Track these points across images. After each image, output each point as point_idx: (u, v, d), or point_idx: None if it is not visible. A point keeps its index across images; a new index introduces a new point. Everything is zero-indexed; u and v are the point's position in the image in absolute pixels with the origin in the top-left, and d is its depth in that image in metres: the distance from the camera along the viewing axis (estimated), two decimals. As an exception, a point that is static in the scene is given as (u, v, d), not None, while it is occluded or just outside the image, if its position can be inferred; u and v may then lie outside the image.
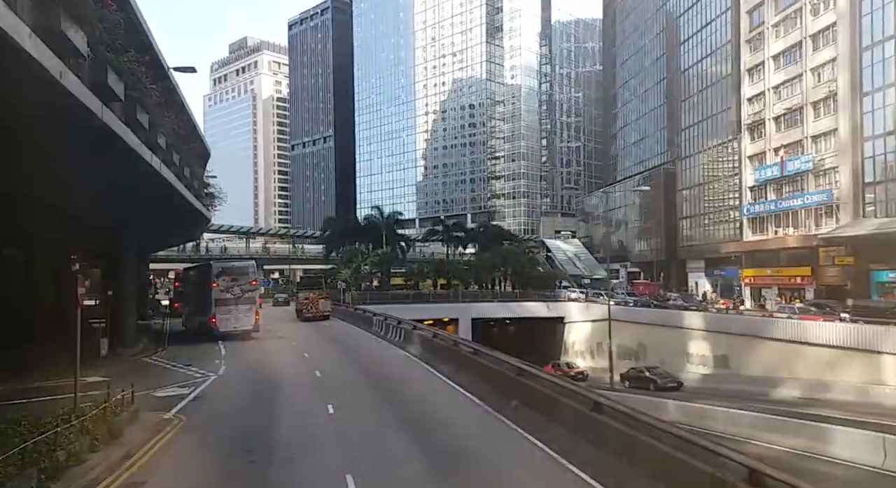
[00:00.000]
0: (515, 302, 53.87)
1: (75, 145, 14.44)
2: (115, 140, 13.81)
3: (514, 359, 16.39)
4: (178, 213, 27.89)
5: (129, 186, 19.70)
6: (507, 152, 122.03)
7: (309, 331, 37.66)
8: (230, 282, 32.39)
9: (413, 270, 55.04)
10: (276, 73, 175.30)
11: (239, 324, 32.26)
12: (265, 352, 28.36)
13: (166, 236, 40.19)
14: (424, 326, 26.37)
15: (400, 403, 16.50)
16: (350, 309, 46.23)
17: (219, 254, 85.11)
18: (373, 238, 60.09)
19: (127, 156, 15.54)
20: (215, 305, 32.24)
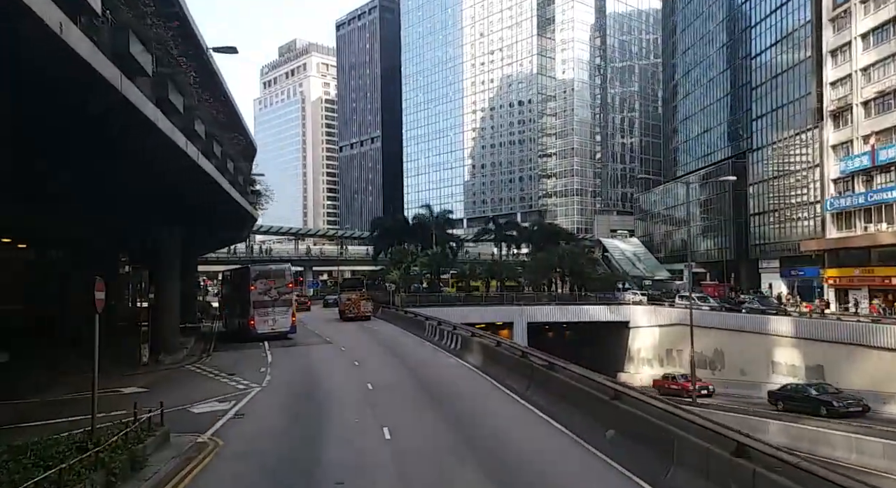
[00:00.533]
0: (575, 305, 50.82)
1: (99, 129, 12.69)
2: (139, 120, 11.94)
3: (601, 376, 13.78)
4: (222, 211, 26.37)
5: (166, 179, 18.05)
6: (558, 149, 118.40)
7: (359, 336, 35.76)
8: (267, 284, 32.84)
9: (464, 271, 52.68)
10: (325, 75, 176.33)
11: (276, 325, 32.63)
12: (313, 360, 26.51)
13: (213, 236, 39.05)
14: (484, 333, 23.94)
15: (468, 427, 14.12)
16: (400, 311, 44.26)
17: (264, 255, 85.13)
18: (422, 238, 58.06)
19: (158, 142, 13.70)
20: (253, 307, 32.67)
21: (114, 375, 22.05)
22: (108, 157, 14.30)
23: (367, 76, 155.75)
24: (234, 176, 24.25)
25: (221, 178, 21.21)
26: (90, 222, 26.52)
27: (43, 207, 22.57)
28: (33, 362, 23.29)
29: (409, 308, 46.48)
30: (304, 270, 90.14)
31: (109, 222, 26.58)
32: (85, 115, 11.54)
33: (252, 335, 32.43)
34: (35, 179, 16.03)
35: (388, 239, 60.45)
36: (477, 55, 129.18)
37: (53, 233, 27.60)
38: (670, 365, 45.89)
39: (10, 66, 8.86)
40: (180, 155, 15.34)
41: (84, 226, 27.42)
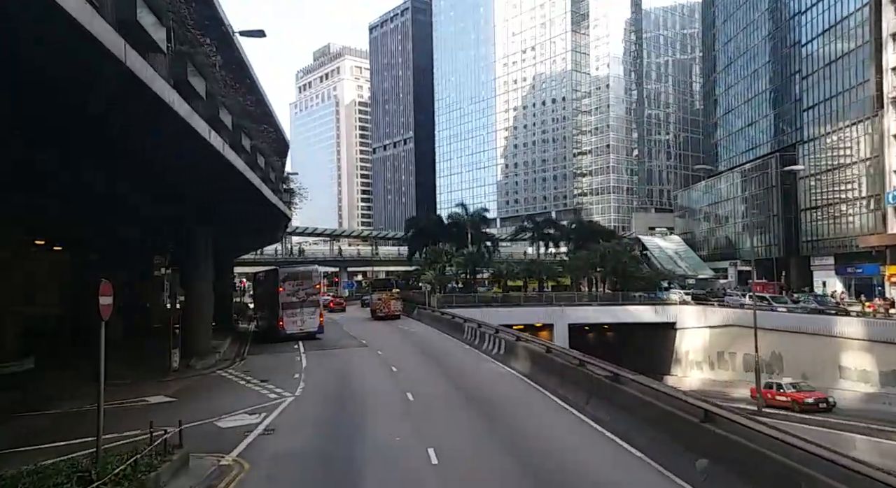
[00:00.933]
0: (618, 305, 48.25)
1: (105, 113, 11.23)
2: (149, 99, 10.39)
3: (680, 392, 11.72)
4: (254, 210, 25.01)
5: (191, 172, 16.66)
6: (594, 146, 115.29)
7: (395, 339, 34.14)
8: (296, 285, 33.17)
9: (501, 271, 50.65)
10: (358, 78, 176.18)
11: (305, 325, 33.01)
12: (349, 364, 24.92)
13: (246, 236, 37.99)
14: (532, 338, 21.95)
15: (526, 450, 12.20)
16: (436, 313, 42.53)
17: (298, 256, 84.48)
18: (456, 237, 56.25)
19: (175, 128, 12.18)
20: (282, 308, 33.00)
21: (142, 383, 20.84)
22: (120, 147, 12.84)
23: (400, 77, 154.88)
24: (265, 172, 22.83)
25: (251, 173, 19.75)
26: (119, 222, 25.51)
27: (72, 207, 21.54)
28: (62, 369, 22.24)
29: (444, 309, 44.83)
30: (338, 271, 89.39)
31: (140, 222, 25.53)
32: (89, 99, 10.03)
33: (281, 335, 32.63)
34: (48, 175, 14.75)
35: (423, 239, 58.80)
36: (509, 53, 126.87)
37: (88, 234, 26.70)
38: (722, 368, 43.06)
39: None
40: (202, 145, 13.83)
41: (116, 226, 26.44)
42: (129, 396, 18.41)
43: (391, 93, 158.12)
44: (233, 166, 16.64)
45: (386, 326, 42.50)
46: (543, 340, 21.10)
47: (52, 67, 9.22)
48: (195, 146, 13.80)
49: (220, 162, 15.82)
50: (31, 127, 12.02)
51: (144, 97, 10.26)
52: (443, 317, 39.26)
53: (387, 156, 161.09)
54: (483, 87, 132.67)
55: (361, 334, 36.48)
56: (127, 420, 15.14)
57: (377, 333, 37.35)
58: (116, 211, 23.27)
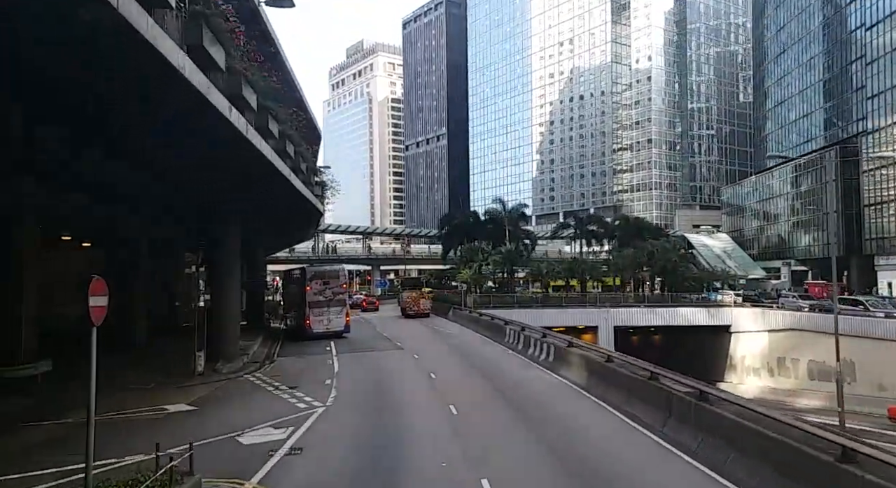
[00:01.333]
0: (667, 307, 45.61)
1: (106, 75, 9.63)
2: (154, 62, 8.72)
3: (805, 423, 9.52)
4: (284, 204, 23.50)
5: (213, 158, 15.11)
6: (635, 140, 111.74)
7: (431, 341, 32.35)
8: (322, 285, 33.08)
9: (541, 270, 48.43)
10: (391, 74, 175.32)
11: (331, 325, 33.04)
12: (384, 371, 23.19)
13: (276, 233, 36.73)
14: (587, 344, 19.80)
15: (602, 486, 10.23)
16: (473, 314, 40.60)
17: (331, 254, 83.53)
18: (493, 235, 54.19)
19: (188, 102, 10.53)
20: (309, 308, 33.03)
21: (164, 388, 19.48)
22: (120, 123, 11.26)
23: (433, 73, 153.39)
24: (295, 162, 21.26)
25: (280, 162, 18.15)
26: (147, 217, 24.33)
27: (96, 199, 20.36)
28: (102, 364, 21.10)
29: (481, 309, 42.97)
30: (371, 269, 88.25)
31: (168, 217, 24.29)
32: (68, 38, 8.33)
33: (308, 334, 32.66)
34: (60, 161, 13.32)
35: (457, 236, 56.97)
36: (546, 46, 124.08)
37: (116, 230, 25.64)
38: (783, 375, 40.11)
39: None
40: (222, 125, 12.18)
41: (143, 222, 25.28)
42: (148, 404, 17.00)
43: (424, 89, 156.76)
44: (258, 152, 15.00)
45: (420, 326, 40.84)
46: (600, 347, 18.98)
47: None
48: (213, 126, 12.16)
49: (244, 147, 14.20)
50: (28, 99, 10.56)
51: (146, 59, 8.58)
52: (480, 318, 37.33)
53: (419, 154, 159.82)
54: (518, 82, 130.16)
55: (395, 335, 34.88)
56: (139, 434, 13.68)
57: (412, 334, 35.66)
58: (139, 204, 22.05)
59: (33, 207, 17.75)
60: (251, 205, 22.37)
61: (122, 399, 17.52)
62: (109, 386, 19.41)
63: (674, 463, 11.02)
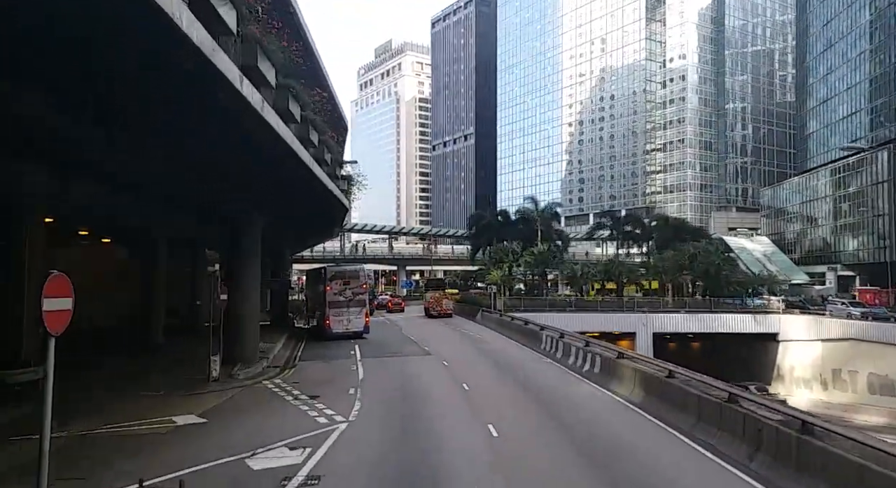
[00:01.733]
0: (710, 312, 42.94)
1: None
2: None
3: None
4: (306, 195, 21.79)
5: (226, 140, 13.39)
6: (668, 140, 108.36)
7: (462, 347, 30.38)
8: (342, 285, 32.71)
9: (575, 272, 46.08)
10: (419, 74, 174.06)
11: (350, 325, 32.68)
12: (411, 379, 21.29)
13: (299, 229, 35.18)
14: (641, 356, 17.55)
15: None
16: (504, 317, 38.55)
17: (358, 254, 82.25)
18: (524, 235, 51.98)
19: (187, 62, 8.76)
20: (329, 308, 32.65)
21: (174, 395, 17.88)
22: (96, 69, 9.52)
23: (462, 72, 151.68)
24: (318, 151, 19.52)
25: (301, 148, 16.39)
26: (161, 208, 22.84)
27: (109, 190, 18.90)
28: (95, 378, 19.66)
29: (512, 312, 40.97)
30: (397, 270, 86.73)
31: (183, 209, 22.78)
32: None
33: (328, 335, 32.30)
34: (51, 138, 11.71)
35: (487, 236, 54.91)
36: (577, 44, 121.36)
37: (132, 225, 24.25)
38: (838, 388, 37.20)
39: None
40: (231, 94, 10.40)
41: (160, 216, 23.84)
42: (155, 414, 15.35)
43: (452, 88, 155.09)
44: (275, 134, 13.21)
45: (447, 330, 38.97)
46: (655, 360, 16.75)
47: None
48: (219, 96, 10.38)
49: (259, 126, 12.42)
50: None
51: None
52: (512, 322, 35.24)
53: (446, 153, 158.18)
54: (548, 80, 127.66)
55: (422, 338, 33.06)
56: (139, 453, 12.02)
57: (440, 338, 33.77)
58: (150, 194, 20.53)
59: (35, 197, 16.29)
60: (270, 198, 20.70)
61: (129, 408, 15.95)
62: (119, 393, 17.95)
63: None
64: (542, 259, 44.61)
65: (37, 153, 13.83)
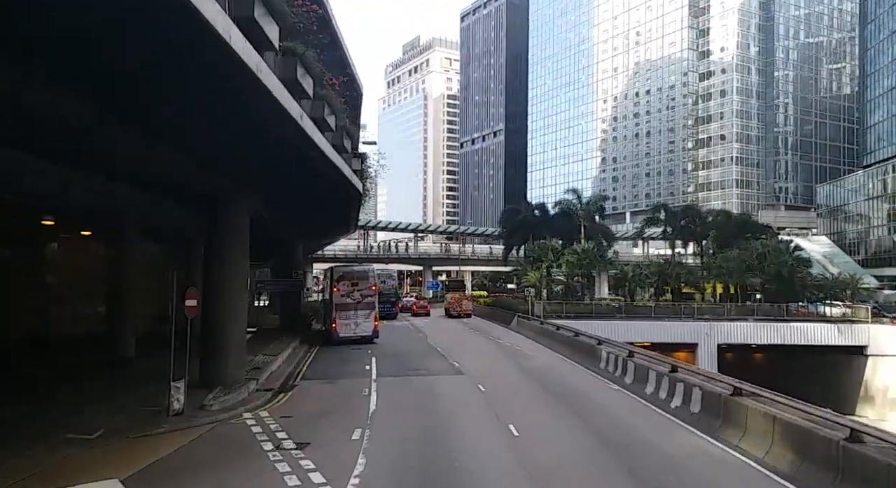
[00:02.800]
0: (782, 322, 36.72)
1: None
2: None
3: None
4: (302, 169, 16.62)
5: (200, 97, 8.35)
6: (711, 135, 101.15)
7: (499, 363, 24.86)
8: (350, 286, 30.59)
9: (625, 274, 40.22)
10: (448, 70, 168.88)
11: (359, 329, 30.56)
12: (439, 414, 15.87)
13: (308, 221, 30.11)
14: (778, 396, 11.84)
15: None
16: (545, 325, 32.98)
17: (381, 253, 77.28)
18: (565, 231, 46.25)
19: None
20: (336, 310, 30.54)
21: (114, 439, 12.83)
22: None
23: (492, 66, 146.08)
24: (316, 107, 14.34)
25: (295, 106, 11.26)
26: (127, 181, 17.88)
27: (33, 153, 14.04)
28: (24, 409, 14.81)
29: (554, 320, 35.40)
30: (422, 270, 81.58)
31: (150, 181, 17.84)
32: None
33: (334, 339, 30.28)
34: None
35: (522, 233, 49.30)
36: (613, 35, 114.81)
37: (95, 209, 19.41)
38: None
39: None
40: (219, 50, 5.25)
41: (132, 198, 18.89)
42: (62, 475, 10.26)
43: (481, 84, 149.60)
44: (268, 90, 8.19)
45: (480, 339, 33.60)
46: (799, 403, 11.09)
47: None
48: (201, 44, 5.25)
49: (252, 85, 7.32)
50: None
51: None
52: (557, 332, 29.63)
53: (475, 151, 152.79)
54: (581, 74, 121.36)
55: (451, 350, 27.78)
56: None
57: (472, 350, 28.37)
58: (112, 163, 15.57)
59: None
60: (256, 170, 15.59)
61: (32, 463, 10.94)
62: (39, 435, 12.95)
63: None
64: (586, 258, 38.85)
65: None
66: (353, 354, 27.81)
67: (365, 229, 76.02)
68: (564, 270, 39.38)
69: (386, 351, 28.62)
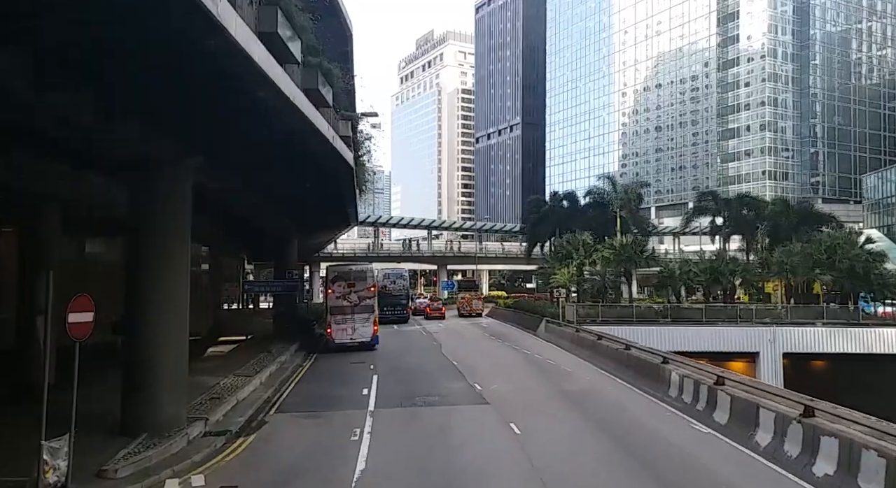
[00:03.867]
0: (860, 327, 30.91)
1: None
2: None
3: None
4: (268, 132, 11.41)
5: None
6: (742, 124, 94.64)
7: (534, 387, 19.31)
8: (346, 288, 27.53)
9: (672, 272, 34.57)
10: (462, 64, 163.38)
11: (356, 335, 27.29)
12: (456, 482, 10.60)
13: (293, 207, 24.95)
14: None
15: None
16: (582, 333, 27.58)
17: (404, 250, 72.26)
18: (597, 224, 40.74)
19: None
20: (330, 314, 27.53)
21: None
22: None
23: (508, 58, 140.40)
24: (275, 31, 9.18)
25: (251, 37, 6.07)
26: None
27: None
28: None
29: (588, 326, 30.09)
30: (437, 269, 76.34)
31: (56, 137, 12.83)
32: None
33: (331, 346, 27.26)
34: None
35: (546, 227, 43.83)
36: (635, 21, 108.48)
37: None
38: None
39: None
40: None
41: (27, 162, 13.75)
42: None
43: (497, 76, 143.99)
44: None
45: (505, 349, 28.36)
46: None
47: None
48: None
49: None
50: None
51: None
52: (599, 342, 24.19)
53: (490, 146, 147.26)
54: (602, 63, 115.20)
55: (470, 365, 22.68)
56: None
57: (497, 366, 23.06)
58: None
59: None
60: (198, 130, 10.47)
61: None
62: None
63: None
64: (625, 254, 33.30)
65: None
66: (350, 370, 22.77)
67: (376, 226, 71.10)
68: (599, 268, 33.86)
69: (391, 364, 23.57)
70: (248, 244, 34.95)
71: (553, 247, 39.13)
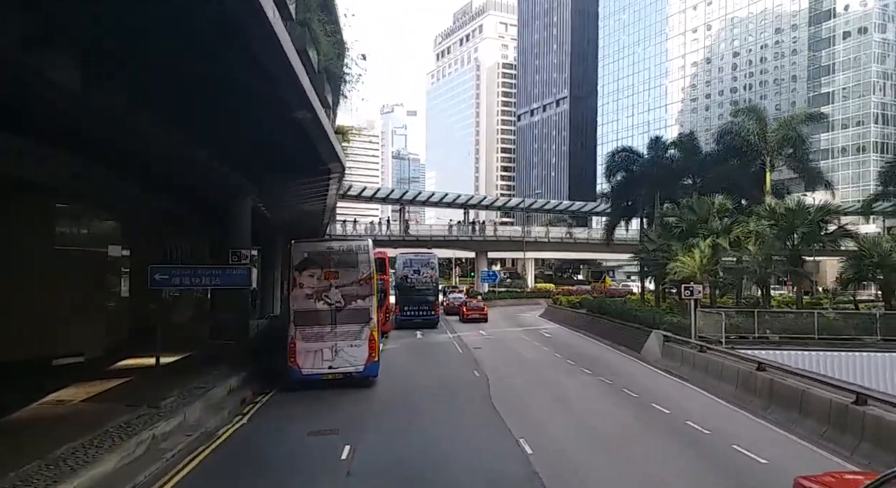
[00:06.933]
0: None
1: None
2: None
3: None
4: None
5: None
6: (838, 87, 77.74)
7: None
8: (322, 279, 14.58)
9: (889, 254, 19.96)
10: (503, 36, 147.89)
11: (337, 361, 14.31)
12: None
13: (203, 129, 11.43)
14: None
15: None
16: (778, 379, 13.43)
17: (432, 235, 58.59)
18: (729, 183, 26.26)
19: None
20: (294, 324, 14.46)
21: None
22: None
23: (554, 25, 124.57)
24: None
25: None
26: None
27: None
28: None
29: (754, 351, 15.97)
30: (475, 257, 62.64)
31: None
32: None
33: (294, 378, 14.25)
34: None
35: (639, 193, 29.57)
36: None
37: None
38: None
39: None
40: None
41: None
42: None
43: (543, 46, 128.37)
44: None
45: (606, 397, 14.39)
46: None
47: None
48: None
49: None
50: None
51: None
52: (781, 388, 9.91)
53: (533, 123, 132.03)
54: (662, 25, 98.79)
55: (552, 443, 8.70)
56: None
57: (608, 445, 9.01)
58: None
59: None
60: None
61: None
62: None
63: None
64: (802, 225, 18.80)
65: None
66: (308, 447, 9.41)
67: (401, 203, 57.60)
68: (754, 250, 19.50)
69: (391, 433, 10.08)
70: (189, 215, 21.73)
71: (662, 221, 24.92)
